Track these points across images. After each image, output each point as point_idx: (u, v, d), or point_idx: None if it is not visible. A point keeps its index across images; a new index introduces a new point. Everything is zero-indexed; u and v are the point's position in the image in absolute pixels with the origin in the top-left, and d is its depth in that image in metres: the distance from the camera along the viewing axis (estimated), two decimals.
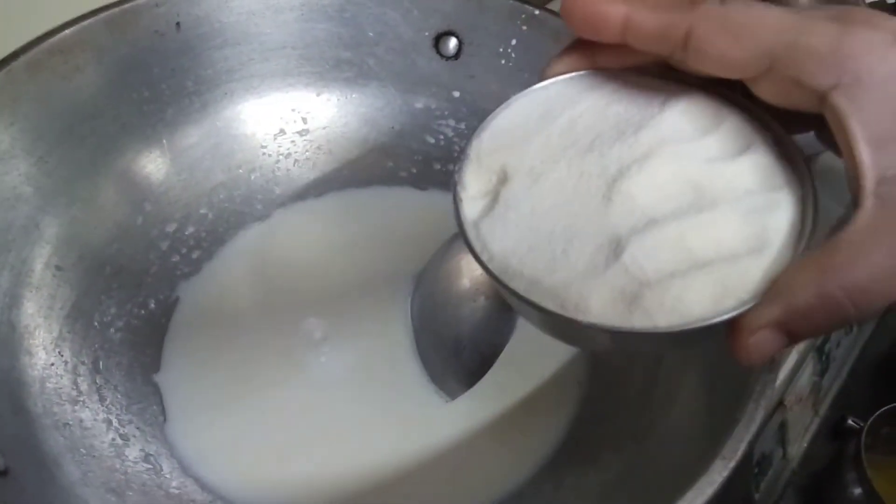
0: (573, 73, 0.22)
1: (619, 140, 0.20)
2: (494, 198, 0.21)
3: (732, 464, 0.22)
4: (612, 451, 0.31)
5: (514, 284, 0.19)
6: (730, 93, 0.21)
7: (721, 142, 0.20)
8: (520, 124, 0.22)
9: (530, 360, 0.36)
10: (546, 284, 0.19)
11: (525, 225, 0.20)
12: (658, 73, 0.22)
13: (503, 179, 0.21)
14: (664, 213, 0.19)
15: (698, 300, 0.18)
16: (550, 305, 0.18)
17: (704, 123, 0.21)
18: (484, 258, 0.20)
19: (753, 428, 0.23)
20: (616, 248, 0.19)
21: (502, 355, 0.33)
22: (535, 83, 0.23)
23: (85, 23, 0.33)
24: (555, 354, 0.36)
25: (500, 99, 0.40)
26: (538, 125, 0.22)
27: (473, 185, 0.21)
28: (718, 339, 0.18)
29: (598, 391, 0.35)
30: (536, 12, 0.38)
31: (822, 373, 0.45)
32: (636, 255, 0.18)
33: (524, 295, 0.19)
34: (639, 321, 0.18)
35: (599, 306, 0.18)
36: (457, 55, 0.40)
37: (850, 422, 0.51)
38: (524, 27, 0.39)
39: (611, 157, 0.20)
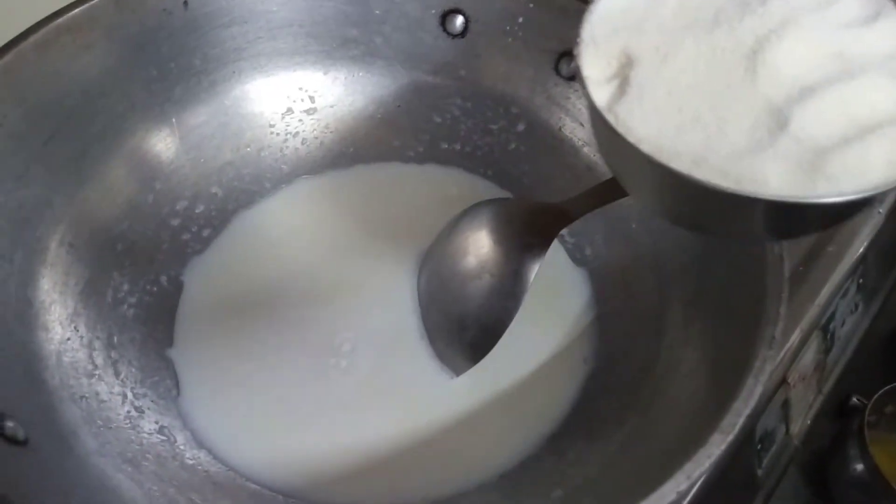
0: None
1: (746, 13, 0.20)
2: (623, 81, 0.20)
3: (730, 437, 0.23)
4: (615, 425, 0.31)
5: (675, 165, 0.18)
6: None
7: (850, 8, 0.20)
8: (627, 7, 0.22)
9: (535, 337, 0.36)
10: (712, 162, 0.18)
11: (666, 106, 0.19)
12: None
13: (628, 63, 0.20)
14: (815, 80, 0.19)
15: (880, 163, 0.17)
16: (725, 183, 0.17)
17: None
18: (631, 141, 0.19)
19: (752, 403, 0.23)
20: (778, 118, 0.18)
21: (507, 333, 0.33)
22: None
23: (94, 2, 0.33)
24: (560, 331, 0.37)
25: (507, 77, 0.41)
26: (647, 5, 0.21)
27: (595, 71, 0.21)
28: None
29: (603, 366, 0.36)
30: None
31: (826, 351, 0.45)
32: (803, 124, 0.18)
33: (690, 175, 0.18)
34: (823, 188, 0.17)
35: (778, 178, 0.17)
36: (463, 33, 0.40)
37: (854, 400, 0.52)
38: (531, 4, 0.38)
39: (743, 30, 0.20)
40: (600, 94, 0.20)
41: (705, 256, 0.33)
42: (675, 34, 0.20)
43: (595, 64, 0.21)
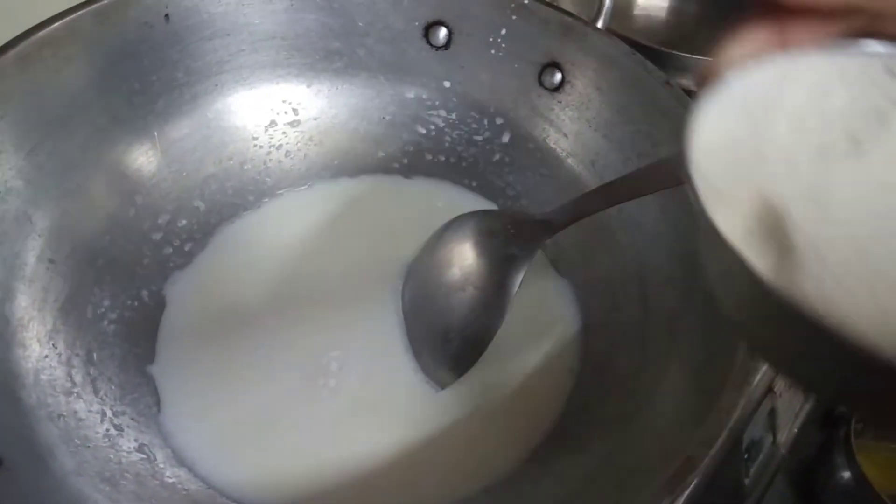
0: (751, 66, 0.17)
1: (889, 124, 0.17)
2: (782, 241, 0.16)
3: (713, 451, 0.23)
4: (599, 437, 0.31)
5: None
6: None
7: None
8: (729, 136, 0.17)
9: (520, 349, 0.36)
10: None
11: (864, 271, 0.15)
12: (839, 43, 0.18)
13: (772, 212, 0.16)
14: None
15: None
16: None
17: None
18: (864, 345, 0.12)
19: (735, 415, 0.23)
20: None
21: (492, 345, 0.33)
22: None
23: (74, 15, 0.33)
24: (546, 343, 0.37)
25: (491, 89, 0.41)
26: (753, 131, 0.17)
27: (730, 225, 0.16)
28: None
29: (588, 378, 0.35)
30: (525, 1, 0.38)
31: None
32: None
33: None
34: None
35: None
36: (447, 45, 0.41)
37: (841, 407, 0.52)
38: (513, 16, 0.39)
39: None
40: (756, 258, 0.15)
41: (690, 268, 0.33)
42: (814, 166, 0.17)
43: (728, 217, 0.16)
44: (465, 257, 0.35)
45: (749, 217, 0.16)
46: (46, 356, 0.31)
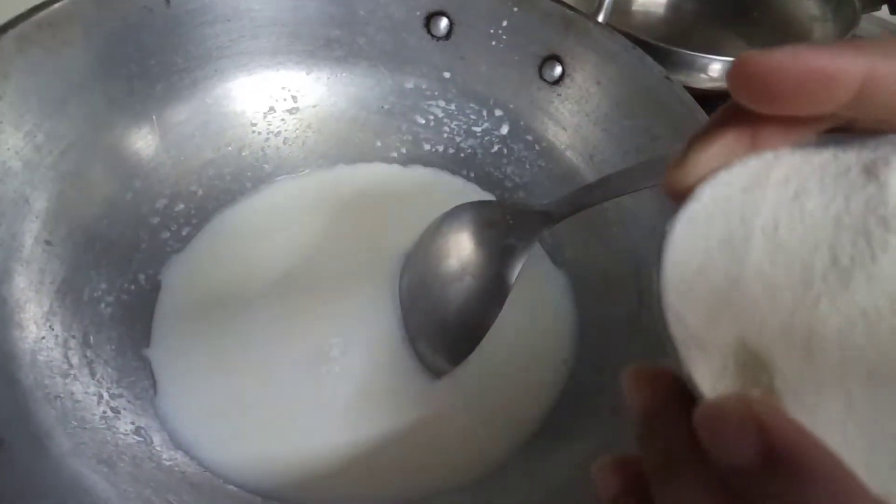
0: (723, 175, 0.16)
1: (873, 248, 0.15)
2: (768, 387, 0.14)
3: None
4: (594, 425, 0.31)
5: None
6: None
7: None
8: (704, 265, 0.15)
9: (517, 339, 0.36)
10: None
11: (856, 424, 0.13)
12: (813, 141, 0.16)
13: (755, 357, 0.15)
14: None
15: None
16: None
17: None
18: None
19: None
20: None
21: (489, 334, 0.34)
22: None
23: None
24: (541, 333, 0.37)
25: (491, 80, 0.41)
26: (729, 259, 0.16)
27: (710, 384, 0.14)
28: None
29: (582, 370, 0.36)
30: None
31: None
32: None
33: None
34: None
35: None
36: (447, 35, 0.41)
37: None
38: (515, 8, 0.39)
39: (883, 274, 0.14)
40: None
41: None
42: (795, 299, 0.15)
43: (708, 364, 0.14)
44: (462, 247, 0.35)
45: (729, 360, 0.15)
46: (43, 338, 0.31)
